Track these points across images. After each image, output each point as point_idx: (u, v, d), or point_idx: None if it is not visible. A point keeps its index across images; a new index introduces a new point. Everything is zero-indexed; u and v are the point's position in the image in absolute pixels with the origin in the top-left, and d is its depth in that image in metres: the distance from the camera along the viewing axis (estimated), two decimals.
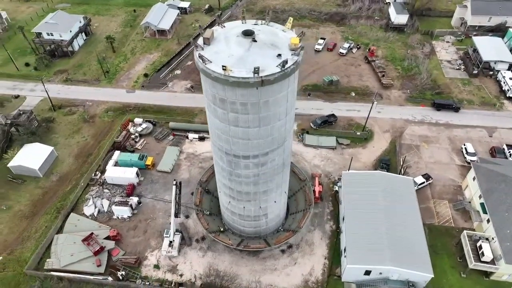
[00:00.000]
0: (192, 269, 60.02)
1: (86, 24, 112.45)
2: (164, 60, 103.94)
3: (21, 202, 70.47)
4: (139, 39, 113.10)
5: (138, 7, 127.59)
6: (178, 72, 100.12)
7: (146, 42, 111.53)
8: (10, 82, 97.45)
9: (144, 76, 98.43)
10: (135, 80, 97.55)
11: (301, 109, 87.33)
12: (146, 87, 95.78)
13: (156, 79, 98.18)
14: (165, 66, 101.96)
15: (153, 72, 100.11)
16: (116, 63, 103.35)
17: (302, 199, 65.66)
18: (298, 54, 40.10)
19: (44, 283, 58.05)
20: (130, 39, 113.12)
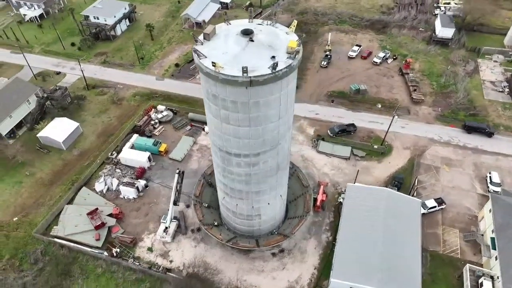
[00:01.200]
0: (183, 257, 61.46)
1: (131, 11, 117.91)
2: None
3: (43, 170, 76.00)
4: (177, 29, 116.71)
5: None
6: None
7: (184, 33, 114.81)
8: (55, 59, 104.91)
9: (175, 65, 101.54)
10: (166, 69, 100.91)
11: (321, 115, 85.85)
12: (175, 76, 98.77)
13: (186, 70, 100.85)
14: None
15: (184, 62, 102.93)
16: (152, 51, 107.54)
17: (302, 205, 64.62)
18: (293, 58, 39.53)
19: (48, 247, 62.38)
20: (169, 29, 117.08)
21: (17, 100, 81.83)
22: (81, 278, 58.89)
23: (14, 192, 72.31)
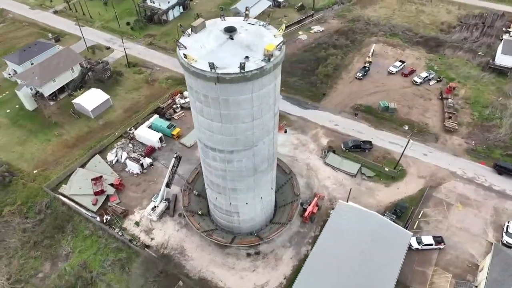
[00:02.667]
0: (164, 237, 63.95)
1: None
2: None
3: (70, 133, 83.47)
4: None
5: None
6: None
7: None
8: (109, 35, 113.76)
9: None
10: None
11: (340, 127, 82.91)
12: None
13: None
14: None
15: None
16: None
17: (287, 211, 63.54)
18: (267, 61, 39.07)
19: (52, 202, 68.76)
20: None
21: (63, 67, 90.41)
22: (71, 235, 64.13)
23: (42, 148, 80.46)
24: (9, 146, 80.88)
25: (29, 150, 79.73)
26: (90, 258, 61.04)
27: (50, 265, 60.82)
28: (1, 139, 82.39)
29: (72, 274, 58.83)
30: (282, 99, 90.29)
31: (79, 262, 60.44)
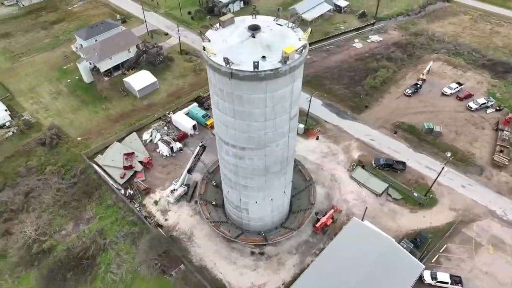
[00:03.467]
0: (176, 220, 66.27)
1: None
2: None
3: (115, 108, 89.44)
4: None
5: None
6: None
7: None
8: (169, 22, 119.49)
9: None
10: None
11: (376, 142, 79.33)
12: None
13: None
14: None
15: None
16: None
17: (299, 217, 62.52)
18: (283, 63, 38.69)
19: (87, 169, 74.36)
20: None
21: (121, 47, 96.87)
22: (96, 202, 68.93)
23: (90, 118, 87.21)
24: (64, 112, 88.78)
25: (78, 119, 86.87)
26: (107, 226, 65.23)
27: (72, 225, 66.06)
28: (59, 105, 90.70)
29: (89, 237, 63.40)
30: (321, 105, 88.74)
31: (97, 228, 64.89)
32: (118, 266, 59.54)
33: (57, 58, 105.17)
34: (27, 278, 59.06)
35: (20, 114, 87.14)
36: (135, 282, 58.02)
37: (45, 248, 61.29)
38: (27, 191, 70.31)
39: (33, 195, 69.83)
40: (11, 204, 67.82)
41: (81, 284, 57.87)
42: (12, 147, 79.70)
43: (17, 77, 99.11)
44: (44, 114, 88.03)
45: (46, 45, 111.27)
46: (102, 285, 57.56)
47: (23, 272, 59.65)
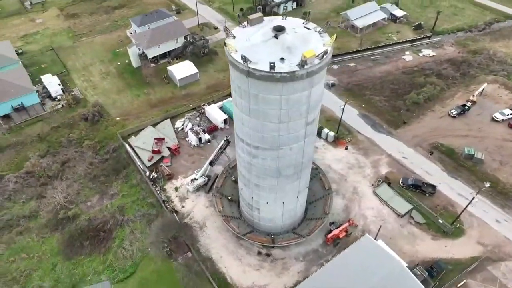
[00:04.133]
0: (192, 209, 68.02)
1: None
2: (334, 51, 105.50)
3: (156, 94, 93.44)
4: (332, 26, 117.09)
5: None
6: (334, 67, 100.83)
7: (334, 30, 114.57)
8: (220, 17, 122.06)
9: None
10: None
11: (408, 161, 75.53)
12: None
13: None
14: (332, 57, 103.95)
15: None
16: None
17: (310, 227, 61.44)
18: (300, 66, 38.21)
19: (119, 148, 78.54)
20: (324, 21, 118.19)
21: (170, 36, 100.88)
22: (122, 180, 72.70)
23: (131, 101, 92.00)
24: (109, 92, 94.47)
25: (120, 100, 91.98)
26: (128, 204, 68.60)
27: (97, 198, 70.30)
28: (106, 85, 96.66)
29: (109, 212, 67.16)
30: (356, 115, 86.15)
31: (119, 204, 68.50)
32: (130, 243, 62.48)
33: (113, 41, 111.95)
34: (51, 240, 63.92)
35: (71, 89, 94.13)
36: (143, 261, 60.55)
37: (70, 216, 65.90)
38: (64, 160, 75.95)
39: (69, 165, 75.27)
40: (49, 170, 73.62)
41: (95, 253, 61.55)
42: (59, 119, 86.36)
43: (75, 55, 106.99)
44: (91, 91, 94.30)
45: (105, 28, 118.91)
46: (113, 258, 60.78)
47: (48, 234, 64.65)
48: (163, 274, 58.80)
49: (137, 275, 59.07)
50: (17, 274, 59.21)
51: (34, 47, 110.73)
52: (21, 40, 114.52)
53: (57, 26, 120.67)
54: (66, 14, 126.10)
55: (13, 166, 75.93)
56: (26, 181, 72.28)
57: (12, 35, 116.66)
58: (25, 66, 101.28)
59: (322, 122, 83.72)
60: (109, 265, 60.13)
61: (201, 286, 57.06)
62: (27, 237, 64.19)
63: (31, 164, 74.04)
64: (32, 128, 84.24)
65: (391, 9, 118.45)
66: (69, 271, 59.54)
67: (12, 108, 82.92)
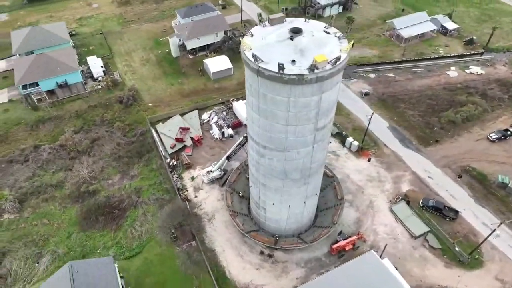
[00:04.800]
0: (204, 200, 69.37)
1: (350, 0, 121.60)
2: (374, 59, 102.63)
3: (189, 85, 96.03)
4: (377, 33, 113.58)
5: (411, 8, 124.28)
6: (371, 75, 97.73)
7: (378, 38, 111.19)
8: (265, 15, 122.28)
9: None
10: None
11: (433, 182, 71.79)
12: None
13: (351, 70, 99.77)
14: (370, 65, 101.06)
15: (355, 63, 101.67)
16: None
17: (315, 234, 60.50)
18: (310, 70, 37.67)
19: (146, 132, 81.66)
20: (369, 30, 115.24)
21: (210, 30, 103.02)
22: (144, 163, 75.58)
23: (165, 89, 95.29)
24: (146, 78, 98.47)
25: (155, 87, 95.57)
26: (145, 187, 71.33)
27: (118, 178, 73.78)
28: (144, 71, 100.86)
29: (127, 192, 70.26)
30: (386, 127, 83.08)
31: (137, 186, 71.44)
32: (141, 224, 65.03)
33: (157, 30, 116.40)
34: (71, 210, 68.16)
35: (112, 72, 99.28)
36: (150, 243, 62.78)
37: (91, 190, 69.81)
38: (94, 138, 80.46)
39: (98, 143, 79.62)
40: (79, 145, 78.41)
41: (107, 229, 64.78)
42: (97, 99, 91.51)
43: (121, 41, 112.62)
44: (130, 76, 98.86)
45: (152, 17, 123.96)
46: (122, 236, 63.64)
47: (70, 205, 68.97)
48: (166, 258, 60.64)
49: (142, 256, 61.41)
50: (37, 237, 63.84)
51: (87, 30, 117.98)
52: (77, 22, 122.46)
53: (110, 12, 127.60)
54: (120, 1, 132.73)
55: (50, 138, 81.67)
56: (58, 153, 77.49)
57: (70, 17, 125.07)
58: (76, 47, 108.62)
59: (349, 130, 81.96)
60: (118, 242, 63.05)
61: (200, 275, 58.18)
62: (51, 204, 68.89)
63: (65, 138, 79.19)
64: (72, 105, 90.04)
65: (443, 21, 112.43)
66: (82, 242, 63.23)
67: (56, 85, 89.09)
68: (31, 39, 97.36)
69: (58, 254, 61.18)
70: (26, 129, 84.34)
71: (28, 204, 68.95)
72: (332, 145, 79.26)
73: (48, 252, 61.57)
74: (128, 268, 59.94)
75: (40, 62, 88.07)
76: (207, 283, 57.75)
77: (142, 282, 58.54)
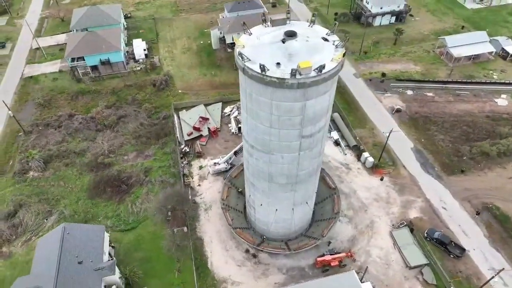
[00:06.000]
0: (206, 190, 70.98)
1: (405, 11, 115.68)
2: (416, 76, 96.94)
3: (220, 77, 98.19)
4: (426, 49, 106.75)
5: (473, 26, 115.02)
6: (408, 92, 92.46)
7: (426, 54, 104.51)
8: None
9: (381, 75, 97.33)
10: (374, 72, 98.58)
11: (447, 213, 66.79)
12: (373, 82, 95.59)
13: (388, 84, 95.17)
14: (410, 81, 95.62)
15: (394, 77, 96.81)
16: (380, 51, 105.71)
17: (303, 242, 59.47)
18: (291, 74, 37.02)
19: (169, 117, 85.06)
20: (419, 45, 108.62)
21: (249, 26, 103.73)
22: (159, 146, 78.85)
23: (197, 78, 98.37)
24: (182, 66, 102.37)
25: (189, 75, 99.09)
26: (155, 168, 74.69)
27: (134, 155, 77.97)
28: (182, 59, 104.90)
29: (138, 170, 74.03)
30: (410, 148, 78.48)
31: (148, 166, 75.00)
32: (142, 202, 68.35)
33: (204, 21, 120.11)
34: (85, 178, 73.52)
35: (152, 56, 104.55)
36: (145, 221, 65.86)
37: (106, 163, 74.79)
38: (122, 115, 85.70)
39: (123, 120, 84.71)
40: (106, 120, 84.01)
41: (111, 201, 69.02)
42: (134, 79, 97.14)
43: (169, 28, 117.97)
44: (169, 62, 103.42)
45: (203, 8, 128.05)
46: (123, 209, 67.47)
47: (85, 173, 74.44)
48: (157, 237, 63.22)
49: (136, 231, 64.72)
50: (51, 196, 69.96)
51: (141, 14, 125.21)
52: (134, 6, 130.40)
53: (165, 0, 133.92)
54: None
55: (84, 109, 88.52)
56: (88, 124, 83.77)
57: (130, 0, 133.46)
58: (128, 29, 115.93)
59: (369, 145, 78.73)
60: (118, 214, 66.99)
61: (181, 260, 59.95)
62: (70, 170, 74.91)
63: (96, 111, 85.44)
64: (110, 82, 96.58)
65: (504, 43, 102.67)
66: (87, 208, 68.12)
67: (100, 61, 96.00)
68: (87, 17, 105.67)
69: (64, 215, 66.59)
70: (67, 98, 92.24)
71: (51, 166, 75.61)
72: (347, 157, 76.85)
73: (57, 212, 67.31)
74: (121, 240, 63.63)
75: (89, 39, 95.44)
76: (188, 268, 59.45)
77: (130, 255, 61.78)
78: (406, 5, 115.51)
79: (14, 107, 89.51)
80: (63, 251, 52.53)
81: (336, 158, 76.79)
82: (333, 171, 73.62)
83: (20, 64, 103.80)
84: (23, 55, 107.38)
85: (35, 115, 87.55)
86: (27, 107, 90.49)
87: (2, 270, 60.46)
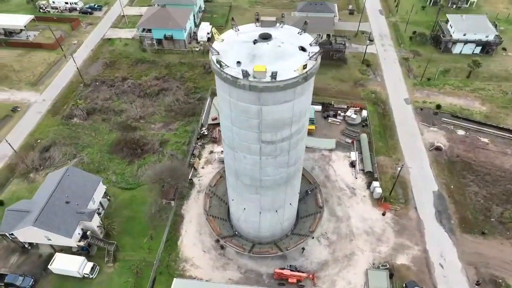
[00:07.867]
0: (208, 173, 73.36)
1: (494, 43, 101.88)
2: (477, 116, 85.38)
3: None
4: (504, 90, 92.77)
5: None
6: (460, 132, 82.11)
7: (501, 96, 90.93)
8: (387, 32, 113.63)
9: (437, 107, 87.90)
10: (429, 102, 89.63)
11: (441, 271, 59.72)
12: (423, 112, 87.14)
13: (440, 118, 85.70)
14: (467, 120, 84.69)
15: (450, 112, 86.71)
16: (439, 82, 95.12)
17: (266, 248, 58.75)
18: (243, 75, 36.95)
19: (204, 99, 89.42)
20: (497, 83, 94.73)
21: (314, 29, 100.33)
22: (184, 123, 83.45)
23: None
24: None
25: None
26: (171, 142, 79.63)
27: (159, 126, 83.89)
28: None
29: (156, 139, 79.66)
30: (431, 191, 70.66)
31: (166, 138, 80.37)
32: (147, 168, 73.90)
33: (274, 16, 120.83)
34: (112, 134, 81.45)
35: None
36: (144, 186, 71.10)
37: (133, 126, 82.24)
38: (164, 88, 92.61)
39: (164, 93, 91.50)
40: (149, 89, 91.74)
41: (124, 160, 75.96)
42: (189, 58, 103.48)
43: (241, 17, 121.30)
44: None
45: (280, 4, 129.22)
46: (129, 170, 73.91)
47: (115, 130, 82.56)
48: (146, 203, 67.98)
49: (132, 192, 70.58)
50: (81, 143, 79.56)
51: (221, 0, 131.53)
52: None
53: None
54: None
55: (137, 76, 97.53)
56: (134, 89, 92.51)
57: None
58: (203, 11, 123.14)
59: (386, 176, 73.25)
60: (124, 174, 73.63)
61: (157, 229, 63.89)
62: (104, 124, 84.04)
63: (145, 80, 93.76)
64: (168, 56, 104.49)
65: None
66: (102, 161, 76.13)
67: (164, 36, 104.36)
68: None
69: (83, 161, 75.56)
70: (129, 63, 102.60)
71: (92, 118, 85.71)
72: (357, 182, 72.31)
73: (79, 157, 76.65)
74: (117, 196, 70.22)
75: (159, 14, 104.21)
76: (158, 238, 63.18)
77: (120, 210, 67.90)
78: (497, 36, 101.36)
79: (86, 62, 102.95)
80: (57, 189, 60.27)
81: (345, 179, 72.69)
82: (336, 192, 70.15)
83: (106, 26, 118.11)
84: (112, 19, 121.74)
85: (98, 72, 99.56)
86: (96, 64, 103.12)
87: (25, 191, 71.44)
